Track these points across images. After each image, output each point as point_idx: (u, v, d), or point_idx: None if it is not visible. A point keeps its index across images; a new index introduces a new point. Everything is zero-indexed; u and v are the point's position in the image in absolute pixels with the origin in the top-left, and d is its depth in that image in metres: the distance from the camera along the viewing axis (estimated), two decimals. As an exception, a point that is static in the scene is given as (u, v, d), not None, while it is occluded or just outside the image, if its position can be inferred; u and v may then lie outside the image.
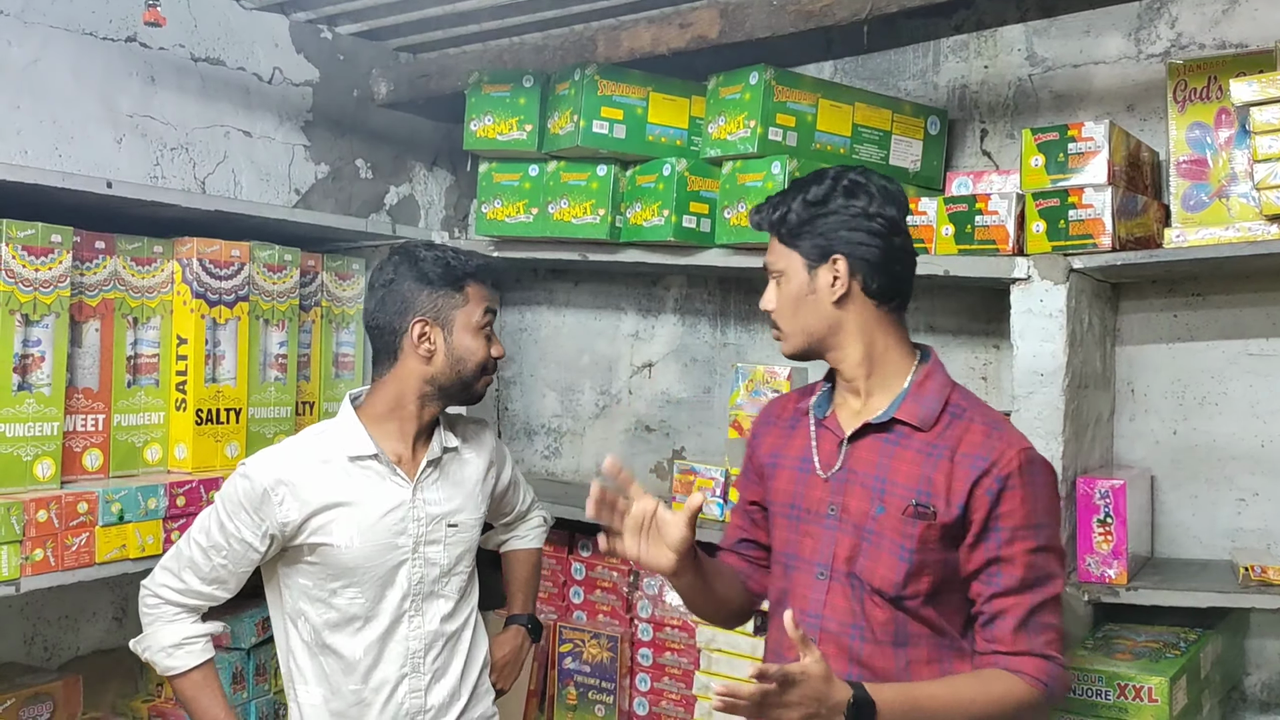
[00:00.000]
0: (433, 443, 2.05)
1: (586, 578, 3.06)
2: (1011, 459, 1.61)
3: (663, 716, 2.88)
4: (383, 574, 1.96)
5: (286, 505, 1.90)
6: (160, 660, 1.93)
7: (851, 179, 1.70)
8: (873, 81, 2.85)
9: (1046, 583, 1.62)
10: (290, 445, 2.00)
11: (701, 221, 2.58)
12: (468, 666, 2.09)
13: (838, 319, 1.70)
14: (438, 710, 2.03)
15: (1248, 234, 2.07)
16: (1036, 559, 1.61)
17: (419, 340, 1.97)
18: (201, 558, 1.93)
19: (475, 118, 2.75)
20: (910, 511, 1.63)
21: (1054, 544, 1.64)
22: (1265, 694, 2.41)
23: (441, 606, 2.04)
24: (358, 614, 1.95)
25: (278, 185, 2.91)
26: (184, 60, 2.68)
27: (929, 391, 1.69)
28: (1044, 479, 1.64)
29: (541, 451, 3.52)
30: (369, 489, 1.96)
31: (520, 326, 3.57)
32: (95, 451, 2.24)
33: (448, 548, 2.04)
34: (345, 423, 2.01)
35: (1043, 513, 1.62)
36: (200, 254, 2.35)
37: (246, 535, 1.90)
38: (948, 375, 1.74)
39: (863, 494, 1.68)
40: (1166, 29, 2.49)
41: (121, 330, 2.28)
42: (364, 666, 1.96)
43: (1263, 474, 2.38)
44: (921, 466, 1.64)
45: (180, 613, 1.94)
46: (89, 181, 2.11)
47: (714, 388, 3.17)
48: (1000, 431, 1.65)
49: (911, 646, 1.66)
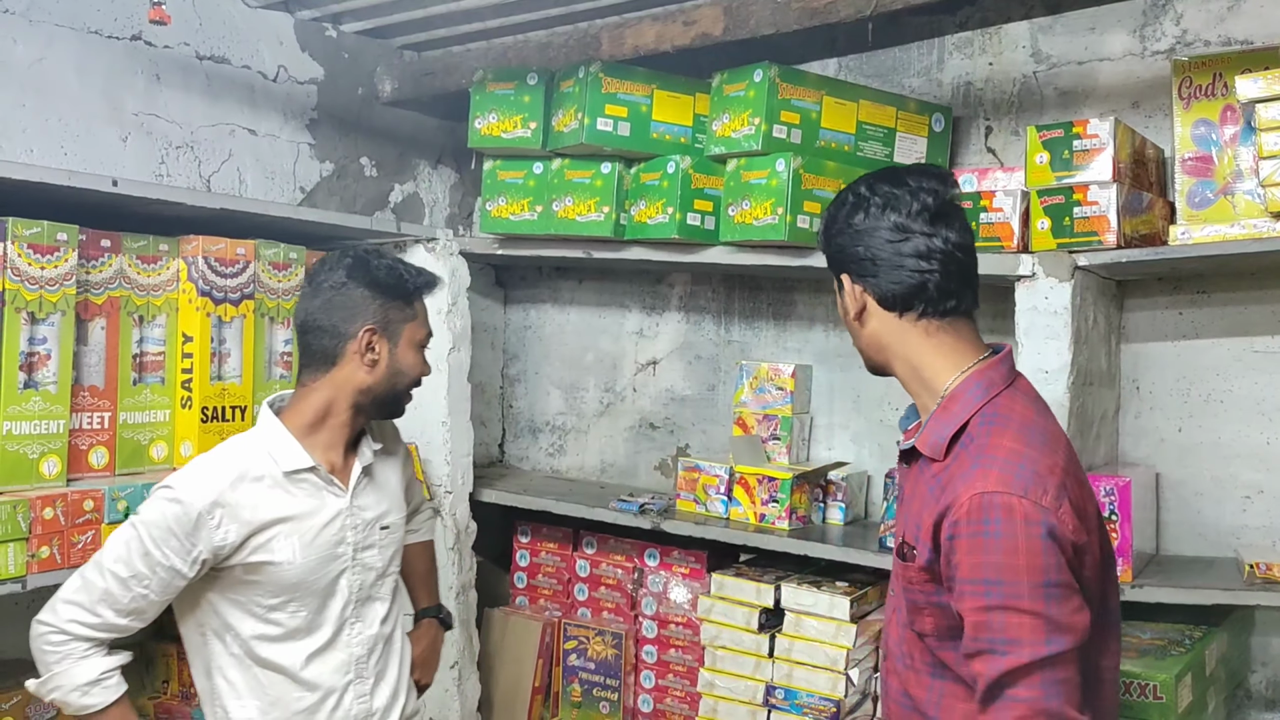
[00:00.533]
0: (362, 448, 2.00)
1: (591, 575, 3.07)
2: (963, 503, 1.42)
3: (667, 713, 2.88)
4: (325, 585, 1.91)
5: (224, 528, 1.80)
6: (74, 700, 1.77)
7: (857, 192, 1.61)
8: (877, 79, 2.85)
9: (1008, 650, 1.37)
10: (218, 463, 1.86)
11: (706, 219, 2.58)
12: (402, 664, 2.08)
13: (873, 336, 1.62)
14: (383, 712, 2.01)
15: (1253, 231, 2.06)
16: (990, 619, 1.39)
17: (366, 349, 1.91)
18: (119, 589, 1.77)
19: (480, 115, 2.75)
20: (899, 550, 1.57)
21: (1015, 604, 1.37)
22: (1271, 691, 2.41)
23: (379, 609, 2.01)
24: (299, 627, 1.89)
25: (283, 183, 2.92)
26: (189, 58, 2.68)
27: (949, 415, 1.53)
28: (1000, 528, 1.39)
29: (546, 449, 3.53)
30: (308, 502, 1.89)
31: (525, 324, 3.57)
32: (101, 449, 2.24)
33: (382, 550, 2.01)
34: (273, 435, 1.90)
35: (993, 567, 1.38)
36: (205, 252, 2.36)
37: (175, 563, 1.77)
38: (985, 392, 1.53)
39: (900, 526, 1.63)
40: (1171, 26, 2.48)
41: (127, 328, 2.29)
42: (307, 676, 1.90)
43: (1268, 471, 2.37)
44: (924, 502, 1.52)
45: (91, 648, 1.78)
46: (94, 180, 2.11)
47: (718, 385, 3.17)
48: (978, 469, 1.44)
49: (948, 681, 1.53)
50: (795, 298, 3.03)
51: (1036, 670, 1.36)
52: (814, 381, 2.97)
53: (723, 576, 2.68)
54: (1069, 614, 1.38)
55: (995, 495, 1.40)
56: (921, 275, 1.55)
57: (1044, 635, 1.36)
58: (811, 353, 3.00)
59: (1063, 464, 1.48)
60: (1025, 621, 1.37)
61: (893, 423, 2.85)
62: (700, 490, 2.78)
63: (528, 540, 3.21)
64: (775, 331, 3.07)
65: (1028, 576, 1.37)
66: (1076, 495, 1.47)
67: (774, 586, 2.60)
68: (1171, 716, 2.06)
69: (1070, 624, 1.38)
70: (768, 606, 2.59)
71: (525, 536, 3.21)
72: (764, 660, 2.58)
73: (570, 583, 3.11)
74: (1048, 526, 1.39)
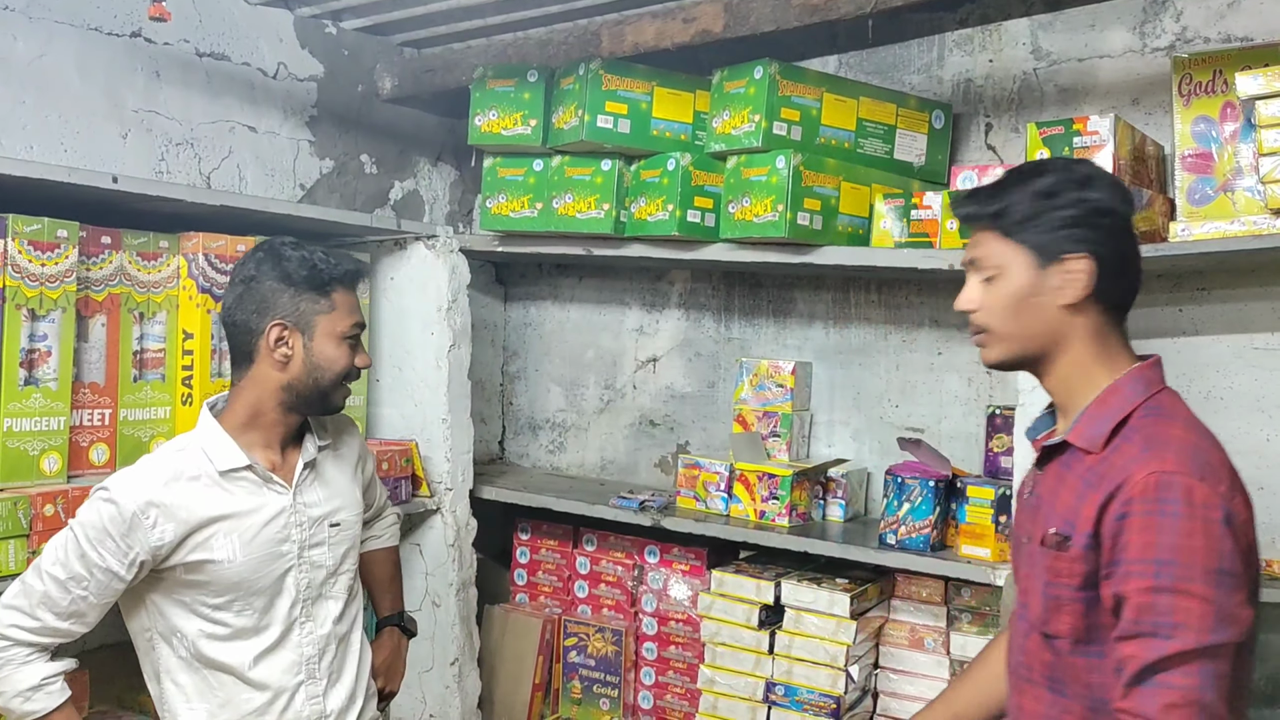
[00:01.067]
0: (305, 444, 1.96)
1: (591, 572, 3.07)
2: (1139, 480, 1.39)
3: (667, 710, 2.88)
4: (270, 584, 1.87)
5: (160, 528, 1.77)
6: (16, 706, 1.75)
7: (1084, 170, 1.54)
8: (877, 75, 2.85)
9: (1172, 634, 1.34)
10: (154, 463, 1.84)
11: (706, 216, 2.58)
12: (360, 667, 2.03)
13: (1066, 325, 1.52)
14: (338, 714, 1.97)
15: (1253, 228, 2.06)
16: (1157, 601, 1.35)
17: (275, 344, 1.85)
18: (58, 592, 1.76)
19: (480, 112, 2.75)
20: (1047, 540, 1.50)
21: (1186, 587, 1.34)
22: (1270, 687, 2.41)
23: (331, 608, 1.97)
24: (247, 626, 1.86)
25: (283, 180, 2.92)
26: (189, 55, 2.68)
27: (1108, 409, 1.50)
28: (1180, 509, 1.36)
29: (546, 446, 3.53)
30: (247, 500, 1.86)
31: (525, 321, 3.57)
32: (102, 446, 2.24)
33: (332, 548, 1.97)
34: (209, 435, 1.87)
35: (1169, 548, 1.35)
36: (205, 249, 2.36)
37: (112, 564, 1.75)
38: (1146, 389, 1.51)
39: (1039, 522, 1.55)
40: (1171, 22, 2.48)
41: (127, 325, 2.29)
42: (256, 677, 1.87)
43: (1268, 468, 2.37)
44: (1077, 494, 1.48)
45: (33, 653, 1.77)
46: (95, 176, 2.11)
47: (718, 382, 3.17)
48: (1151, 451, 1.42)
49: (1068, 697, 1.49)
50: (795, 295, 3.04)
51: (1197, 659, 1.33)
52: (814, 378, 2.98)
53: (723, 573, 2.68)
54: (1237, 605, 1.35)
55: (1175, 476, 1.38)
56: (1138, 275, 1.55)
57: (1211, 623, 1.33)
58: (811, 350, 3.00)
59: (1229, 463, 1.46)
60: (1195, 606, 1.34)
61: (893, 419, 2.85)
62: (700, 487, 2.78)
63: (528, 537, 3.21)
64: (775, 328, 3.08)
65: (1203, 560, 1.34)
66: (1243, 495, 1.45)
67: (774, 583, 2.60)
68: (1171, 713, 2.05)
69: (1237, 616, 1.35)
70: (768, 603, 2.59)
71: (525, 533, 3.22)
72: (764, 657, 2.58)
73: (570, 579, 3.12)
74: (1226, 512, 1.37)
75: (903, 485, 2.43)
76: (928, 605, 2.55)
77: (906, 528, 2.41)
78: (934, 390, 2.82)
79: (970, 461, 2.71)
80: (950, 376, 2.79)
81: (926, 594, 2.55)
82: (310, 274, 1.87)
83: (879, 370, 2.89)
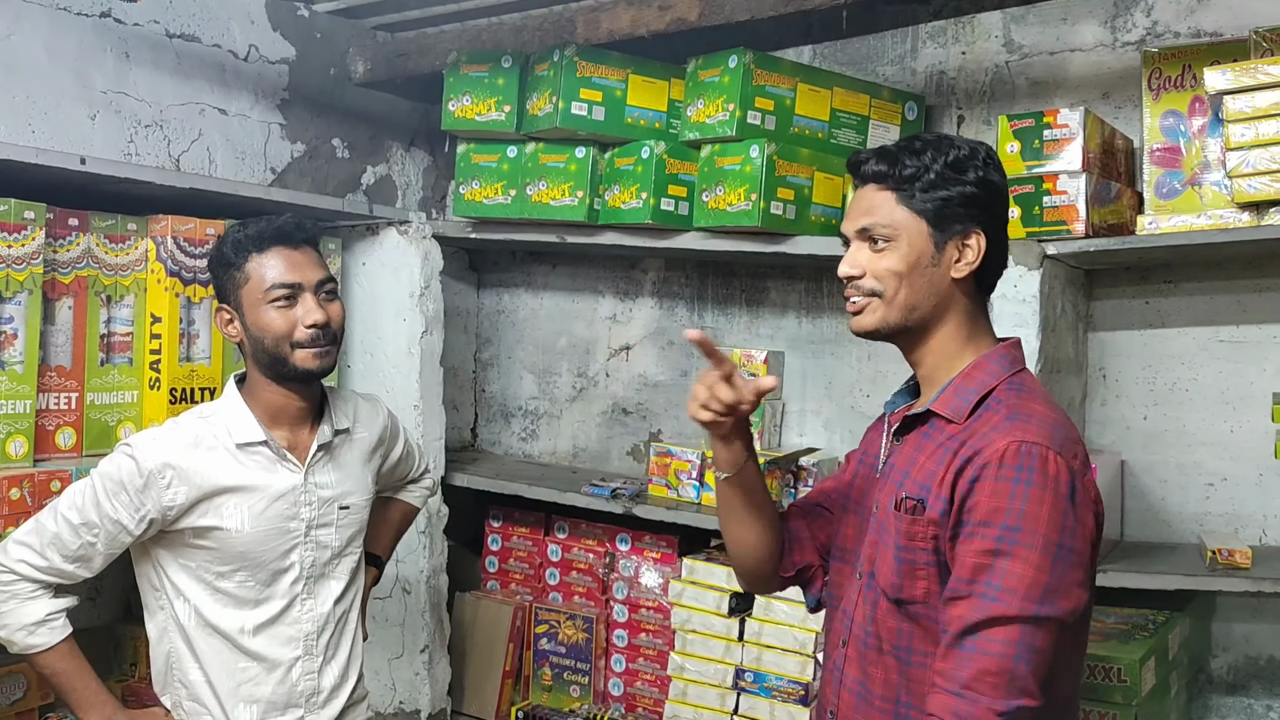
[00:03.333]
0: (323, 425, 2.00)
1: (562, 559, 3.07)
2: (999, 449, 1.39)
3: (637, 697, 2.89)
4: (275, 558, 1.92)
5: (174, 489, 1.83)
6: (20, 639, 1.82)
7: (985, 150, 1.55)
8: (851, 66, 2.86)
9: (998, 596, 1.32)
10: (178, 427, 1.91)
11: (680, 205, 2.58)
12: (354, 646, 2.07)
13: (950, 298, 1.53)
14: (330, 692, 2.00)
15: (1220, 221, 2.09)
16: (995, 563, 1.34)
17: (226, 328, 1.94)
18: (70, 535, 1.82)
19: (453, 98, 2.74)
20: (902, 505, 1.49)
21: (1024, 554, 1.33)
22: (1231, 676, 2.45)
23: (333, 588, 2.01)
24: (248, 597, 1.91)
25: (253, 164, 2.89)
26: (159, 36, 2.65)
27: (973, 382, 1.51)
28: (1034, 477, 1.36)
29: (518, 434, 3.53)
30: (260, 475, 1.91)
31: (498, 308, 3.56)
32: (68, 430, 2.22)
33: (339, 530, 2.01)
34: (231, 407, 1.94)
35: (1015, 513, 1.35)
36: (174, 232, 2.34)
37: (123, 517, 1.82)
38: (1010, 366, 1.53)
39: (891, 490, 1.53)
40: (1142, 17, 2.50)
41: (95, 308, 2.27)
42: (253, 647, 1.92)
43: (1231, 459, 2.41)
44: (937, 460, 1.48)
45: (38, 589, 1.83)
46: (62, 158, 2.09)
47: (691, 371, 3.18)
48: (1015, 421, 1.43)
49: (916, 667, 1.46)
50: (768, 284, 3.04)
51: (1018, 625, 1.32)
52: (786, 368, 2.99)
53: (694, 561, 2.69)
54: (1071, 583, 1.35)
55: (1035, 446, 1.38)
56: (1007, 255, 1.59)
57: (1039, 594, 1.32)
58: (784, 339, 3.01)
59: (1084, 445, 1.49)
60: (1028, 574, 1.33)
61: (864, 409, 2.87)
62: (672, 475, 2.79)
63: (499, 524, 3.21)
64: (748, 318, 3.08)
65: (1045, 530, 1.34)
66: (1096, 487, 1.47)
67: (744, 571, 2.61)
68: (1135, 699, 2.09)
69: (1068, 593, 1.34)
70: (738, 591, 2.60)
71: (497, 521, 3.22)
72: (734, 644, 2.60)
73: (542, 567, 3.12)
74: (1076, 489, 1.38)
75: (872, 474, 2.44)
76: (896, 593, 2.57)
77: (876, 516, 2.43)
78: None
79: (939, 451, 2.72)
80: (921, 366, 2.80)
81: (895, 582, 2.57)
82: (224, 253, 1.92)
83: (850, 360, 2.91)
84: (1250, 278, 2.39)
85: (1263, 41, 2.15)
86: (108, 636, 2.47)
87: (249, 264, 1.90)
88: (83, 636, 2.43)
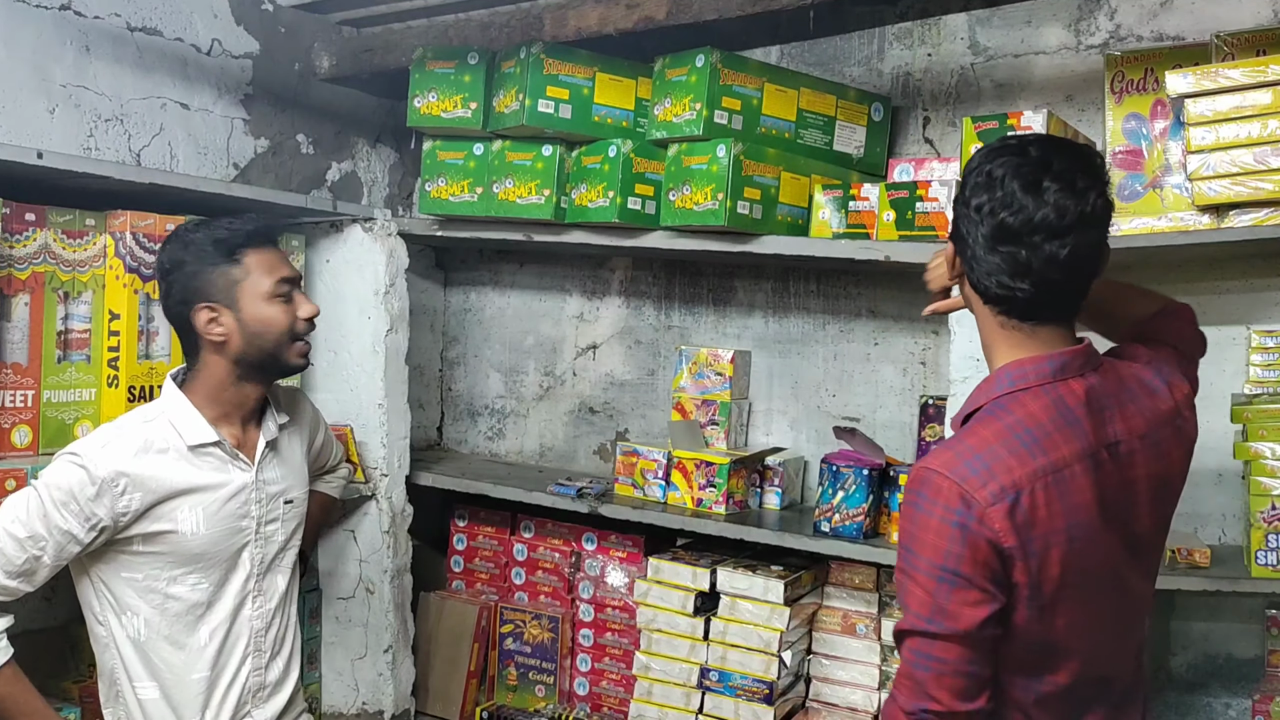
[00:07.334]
0: (266, 422, 2.00)
1: (528, 559, 3.06)
2: (912, 472, 1.50)
3: (603, 696, 2.89)
4: (228, 557, 1.92)
5: (129, 495, 1.79)
6: None
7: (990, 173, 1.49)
8: (818, 67, 2.86)
9: (905, 611, 1.46)
10: (123, 433, 1.85)
11: (647, 203, 2.57)
12: (296, 639, 2.09)
13: (979, 317, 1.58)
14: (274, 686, 2.01)
15: (1180, 224, 2.11)
16: (900, 580, 1.47)
17: (208, 326, 1.88)
18: (14, 549, 1.75)
19: (419, 94, 2.72)
20: None
21: (913, 575, 1.43)
22: (1190, 674, 2.47)
23: (279, 583, 2.03)
24: (200, 600, 1.89)
25: (215, 159, 2.86)
26: (120, 29, 2.61)
27: (970, 399, 1.56)
28: (923, 504, 1.43)
29: (485, 433, 3.51)
30: (213, 475, 1.89)
31: (464, 307, 3.55)
32: (24, 428, 2.19)
33: (285, 523, 2.03)
34: (176, 407, 1.89)
35: (907, 535, 1.46)
36: (134, 228, 2.31)
37: (73, 527, 1.76)
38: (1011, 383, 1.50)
39: None
40: (1106, 21, 2.53)
41: (52, 305, 2.23)
42: (210, 653, 1.90)
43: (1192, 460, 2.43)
44: None
45: None
46: (19, 152, 2.05)
47: (658, 370, 3.18)
48: (940, 446, 1.52)
49: None
50: (735, 284, 3.05)
51: (919, 637, 1.43)
52: (753, 367, 2.99)
53: (659, 560, 2.69)
54: (957, 604, 1.40)
55: (931, 473, 1.44)
56: (1010, 291, 1.48)
57: (927, 612, 1.42)
58: (751, 338, 3.02)
59: (1039, 470, 1.42)
60: (917, 592, 1.43)
61: (830, 409, 2.88)
62: (638, 475, 2.79)
63: (465, 524, 3.19)
64: (715, 317, 3.08)
65: (928, 555, 1.42)
66: (1043, 504, 1.41)
67: (710, 570, 2.61)
68: (1094, 697, 2.10)
69: (956, 614, 1.39)
70: (703, 590, 2.61)
71: (463, 520, 3.20)
72: (699, 643, 2.60)
73: (508, 566, 3.11)
74: (962, 517, 1.39)
75: (838, 473, 2.45)
76: (860, 591, 2.58)
77: (840, 515, 2.44)
78: (870, 380, 2.84)
79: (904, 450, 2.74)
80: (886, 367, 2.82)
81: (859, 580, 2.58)
82: (216, 246, 1.89)
83: (817, 360, 2.92)
84: (1210, 280, 2.42)
85: (1224, 46, 2.18)
86: (64, 637, 2.43)
87: (248, 259, 1.90)
88: (38, 638, 2.41)
